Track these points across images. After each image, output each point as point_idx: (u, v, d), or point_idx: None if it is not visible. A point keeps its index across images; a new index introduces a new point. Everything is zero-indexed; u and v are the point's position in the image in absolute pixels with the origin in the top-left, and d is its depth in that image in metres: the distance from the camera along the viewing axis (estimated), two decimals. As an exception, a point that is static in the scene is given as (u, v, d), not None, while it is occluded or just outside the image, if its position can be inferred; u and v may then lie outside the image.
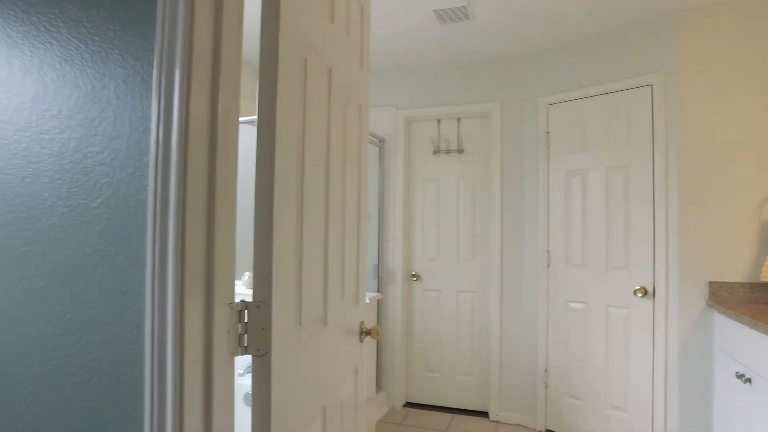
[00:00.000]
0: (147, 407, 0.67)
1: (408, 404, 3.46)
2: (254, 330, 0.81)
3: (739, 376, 2.03)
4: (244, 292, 2.51)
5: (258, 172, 0.82)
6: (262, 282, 0.82)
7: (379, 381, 3.44)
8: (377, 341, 3.45)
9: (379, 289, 3.49)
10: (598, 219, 2.75)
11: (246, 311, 0.81)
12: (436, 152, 3.44)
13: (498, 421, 3.16)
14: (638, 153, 2.60)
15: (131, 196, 0.70)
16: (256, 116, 0.84)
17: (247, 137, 2.61)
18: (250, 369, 1.57)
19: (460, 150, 3.38)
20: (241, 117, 2.67)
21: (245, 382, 2.13)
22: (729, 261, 2.37)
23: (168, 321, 0.66)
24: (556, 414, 2.92)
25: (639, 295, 2.55)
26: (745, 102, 2.37)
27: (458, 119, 3.39)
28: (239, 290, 2.56)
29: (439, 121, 3.44)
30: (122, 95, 0.71)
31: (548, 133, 2.99)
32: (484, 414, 3.27)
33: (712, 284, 2.37)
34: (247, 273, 2.62)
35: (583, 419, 2.79)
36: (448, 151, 3.41)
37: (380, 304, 3.48)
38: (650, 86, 2.55)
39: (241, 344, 0.81)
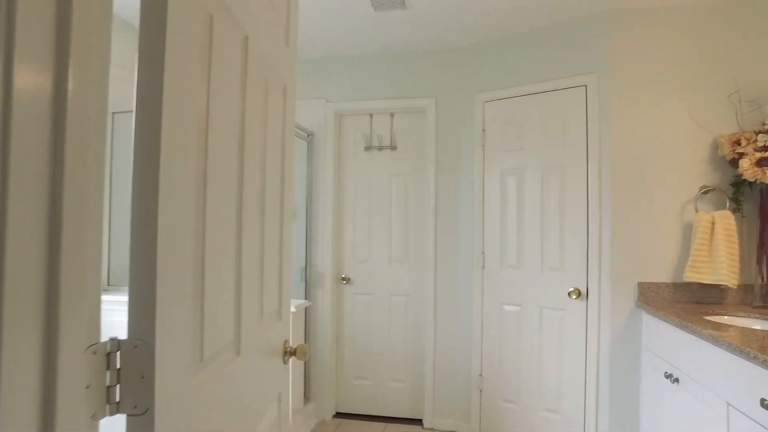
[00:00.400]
0: None
1: (339, 415, 3.26)
2: (130, 379, 0.59)
3: (668, 376, 2.04)
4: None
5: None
6: (142, 312, 0.59)
7: (307, 391, 3.22)
8: (305, 349, 3.22)
9: (307, 294, 3.26)
10: (534, 219, 2.72)
11: (118, 354, 0.59)
12: (368, 148, 3.27)
13: (432, 429, 3.05)
14: (573, 154, 2.58)
15: None
16: (135, 89, 0.61)
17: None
18: None
19: (393, 146, 3.23)
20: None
21: None
22: (656, 262, 2.40)
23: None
24: (491, 419, 2.85)
25: (573, 297, 2.54)
26: (671, 107, 2.41)
27: (392, 114, 3.24)
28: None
29: (372, 116, 3.27)
30: None
31: (484, 131, 2.92)
32: (418, 422, 3.15)
33: (641, 285, 2.39)
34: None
35: (518, 423, 2.74)
36: (381, 148, 3.25)
37: (308, 311, 3.26)
38: (584, 87, 2.54)
39: (111, 401, 0.58)
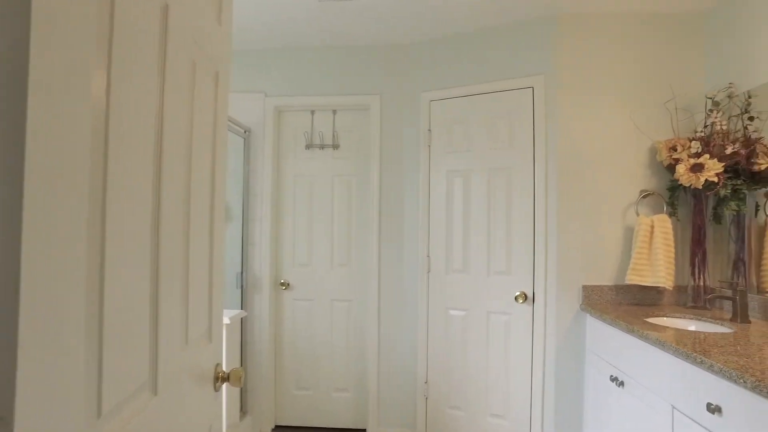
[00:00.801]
0: None
1: (278, 428, 3.07)
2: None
3: (613, 379, 2.05)
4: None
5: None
6: None
7: (244, 404, 3.01)
8: (241, 359, 3.01)
9: (243, 301, 3.05)
10: (480, 222, 2.67)
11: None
12: (310, 146, 3.11)
13: (376, 439, 2.94)
14: (520, 156, 2.56)
15: None
16: None
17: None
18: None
19: (336, 145, 3.09)
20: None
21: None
22: (599, 265, 2.43)
23: None
24: (437, 426, 2.78)
25: (520, 301, 2.51)
26: (614, 112, 2.45)
27: (334, 111, 3.10)
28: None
29: (313, 113, 3.11)
30: None
31: (430, 131, 2.84)
32: (362, 431, 3.03)
33: (585, 288, 2.40)
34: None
35: (464, 429, 2.69)
36: (323, 146, 3.10)
37: (245, 321, 3.05)
38: (531, 89, 2.52)
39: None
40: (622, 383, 1.98)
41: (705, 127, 2.27)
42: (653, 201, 2.42)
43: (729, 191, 2.12)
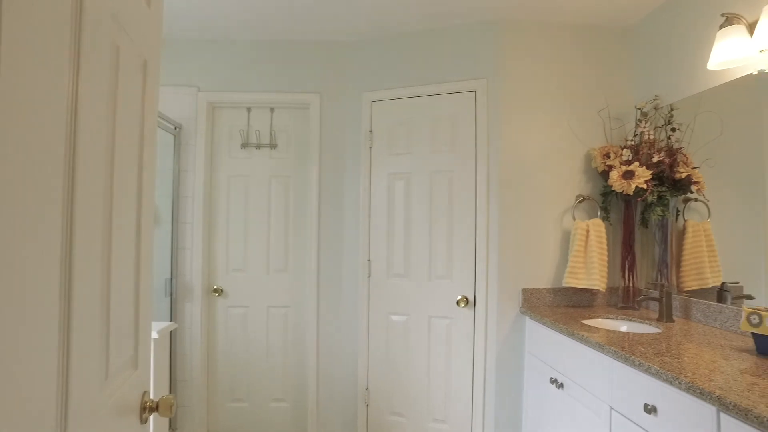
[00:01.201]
0: None
1: (208, 444, 2.89)
2: None
3: (553, 381, 2.09)
4: None
5: None
6: None
7: (174, 421, 2.80)
8: (170, 374, 2.79)
9: (173, 310, 2.84)
10: (422, 226, 2.65)
11: None
12: (245, 146, 2.95)
13: (315, 450, 2.84)
14: (462, 160, 2.56)
15: None
16: None
17: None
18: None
19: (273, 144, 2.96)
20: None
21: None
22: (538, 268, 2.48)
23: None
24: (377, 433, 2.73)
25: (461, 305, 2.51)
26: (552, 118, 2.51)
27: (272, 109, 2.96)
28: None
29: (250, 110, 2.96)
30: None
31: (371, 132, 2.78)
32: (300, 443, 2.91)
33: (525, 291, 2.44)
34: None
35: (405, 436, 2.65)
36: (259, 146, 2.95)
37: (175, 332, 2.84)
38: (474, 92, 2.53)
39: None
40: (562, 385, 2.02)
41: (635, 136, 2.38)
42: (588, 206, 2.50)
43: (655, 197, 2.23)
